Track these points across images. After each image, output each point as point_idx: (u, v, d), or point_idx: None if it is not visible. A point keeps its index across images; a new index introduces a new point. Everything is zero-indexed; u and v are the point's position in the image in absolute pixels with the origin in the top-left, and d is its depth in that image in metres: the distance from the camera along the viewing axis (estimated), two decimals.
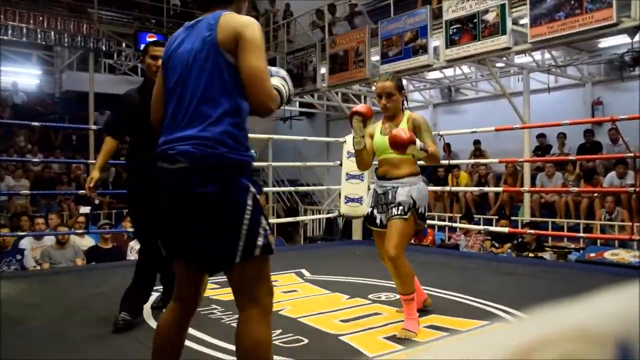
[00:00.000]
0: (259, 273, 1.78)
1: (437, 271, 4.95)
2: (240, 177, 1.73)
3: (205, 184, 1.69)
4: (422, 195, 3.04)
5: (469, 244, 7.27)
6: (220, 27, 1.74)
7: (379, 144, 3.08)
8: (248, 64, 1.72)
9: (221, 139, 1.70)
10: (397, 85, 3.07)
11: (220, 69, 1.74)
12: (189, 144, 1.71)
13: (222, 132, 1.71)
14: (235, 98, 1.75)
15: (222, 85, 1.74)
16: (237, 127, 1.75)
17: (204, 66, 1.75)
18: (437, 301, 3.63)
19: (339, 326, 3.04)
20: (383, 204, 3.07)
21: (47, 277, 4.80)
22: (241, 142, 1.76)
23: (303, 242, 9.79)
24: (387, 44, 9.44)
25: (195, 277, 1.88)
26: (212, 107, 1.73)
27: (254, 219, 1.72)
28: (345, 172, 6.46)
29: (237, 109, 1.75)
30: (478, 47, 7.81)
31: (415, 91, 12.59)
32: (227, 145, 1.71)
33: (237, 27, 1.74)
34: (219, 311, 3.34)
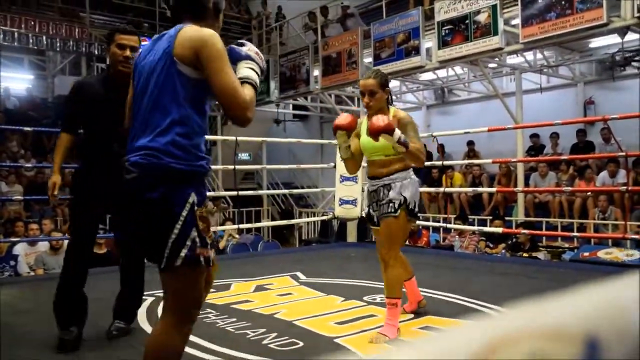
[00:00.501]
0: (180, 284, 1.79)
1: (432, 272, 4.96)
2: (184, 187, 1.77)
3: (151, 192, 1.75)
4: (413, 191, 2.97)
5: (463, 244, 7.28)
6: (179, 40, 1.79)
7: (365, 144, 3.02)
8: (217, 83, 1.76)
9: (167, 149, 1.76)
10: (381, 83, 2.98)
11: (172, 79, 1.79)
12: (139, 154, 1.79)
13: (168, 142, 1.76)
14: (186, 108, 1.79)
15: (173, 95, 1.79)
16: (186, 137, 1.78)
17: (159, 77, 1.81)
18: (431, 302, 3.64)
19: (334, 328, 3.04)
20: (375, 201, 3.05)
21: (40, 282, 4.78)
22: (190, 151, 1.79)
23: (298, 245, 9.80)
24: (380, 46, 9.46)
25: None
26: (162, 115, 1.79)
27: (183, 230, 1.74)
28: (340, 174, 6.47)
29: (186, 119, 1.79)
30: (470, 48, 7.82)
31: (408, 92, 12.61)
32: (173, 155, 1.76)
33: (196, 41, 1.78)
34: (214, 315, 3.34)
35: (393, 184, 2.96)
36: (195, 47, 1.76)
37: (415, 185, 3.00)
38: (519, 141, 8.39)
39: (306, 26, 12.61)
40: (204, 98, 1.85)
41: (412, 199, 2.96)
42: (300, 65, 11.11)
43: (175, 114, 1.78)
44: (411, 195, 2.96)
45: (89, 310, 2.93)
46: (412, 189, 2.97)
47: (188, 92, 1.79)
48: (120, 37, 2.90)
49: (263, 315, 3.37)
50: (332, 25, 11.45)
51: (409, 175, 2.99)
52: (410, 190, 2.96)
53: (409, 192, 2.95)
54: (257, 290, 4.08)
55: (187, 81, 1.79)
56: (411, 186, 2.97)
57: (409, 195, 2.95)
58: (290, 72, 11.30)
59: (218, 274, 2.13)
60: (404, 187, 2.95)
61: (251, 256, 6.26)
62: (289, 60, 11.41)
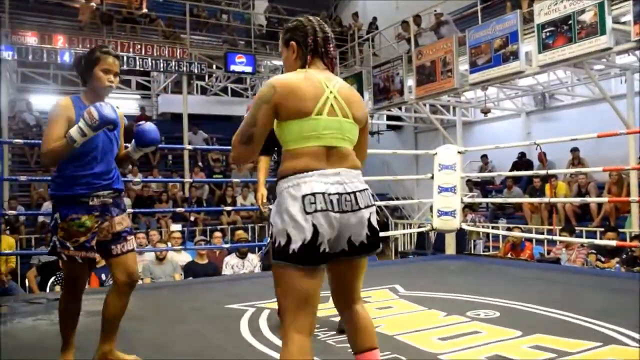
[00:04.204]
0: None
1: (538, 287, 4.69)
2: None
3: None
4: (272, 215, 1.81)
5: (571, 257, 6.85)
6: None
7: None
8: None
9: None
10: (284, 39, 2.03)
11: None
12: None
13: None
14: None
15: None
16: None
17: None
18: (540, 319, 3.43)
19: (438, 345, 2.92)
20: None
21: (148, 291, 5.00)
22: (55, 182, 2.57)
23: (394, 257, 9.66)
24: (476, 52, 9.19)
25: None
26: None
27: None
28: (438, 185, 6.30)
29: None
30: (574, 50, 7.41)
31: (506, 99, 12.15)
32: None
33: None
34: (316, 328, 3.32)
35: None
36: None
37: (284, 203, 1.76)
38: (631, 147, 7.82)
39: (399, 36, 12.52)
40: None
41: (276, 230, 1.77)
42: (393, 76, 11.02)
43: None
44: (274, 227, 1.79)
45: (192, 319, 2.99)
46: (274, 212, 1.81)
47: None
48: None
49: None
50: (425, 34, 11.30)
51: (282, 187, 1.80)
52: (273, 219, 1.80)
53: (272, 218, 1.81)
54: None
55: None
56: (276, 209, 1.80)
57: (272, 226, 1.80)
58: (384, 82, 11.24)
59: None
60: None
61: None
62: (382, 70, 11.36)
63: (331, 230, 1.74)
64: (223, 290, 4.75)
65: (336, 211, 1.74)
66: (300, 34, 1.94)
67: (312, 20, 1.97)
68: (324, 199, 1.73)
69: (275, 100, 1.78)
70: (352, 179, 1.82)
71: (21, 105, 13.53)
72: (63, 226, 2.50)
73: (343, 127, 1.85)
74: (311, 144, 1.79)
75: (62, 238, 2.49)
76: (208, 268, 6.46)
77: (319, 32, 1.95)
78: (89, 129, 2.38)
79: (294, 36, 1.95)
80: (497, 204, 10.44)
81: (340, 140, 1.84)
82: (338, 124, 1.83)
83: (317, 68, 1.92)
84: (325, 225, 1.71)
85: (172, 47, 12.31)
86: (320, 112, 1.80)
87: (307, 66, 1.91)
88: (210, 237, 8.54)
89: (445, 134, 11.51)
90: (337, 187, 1.76)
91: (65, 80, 14.52)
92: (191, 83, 14.71)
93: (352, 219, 1.78)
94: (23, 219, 9.28)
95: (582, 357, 2.67)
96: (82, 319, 2.78)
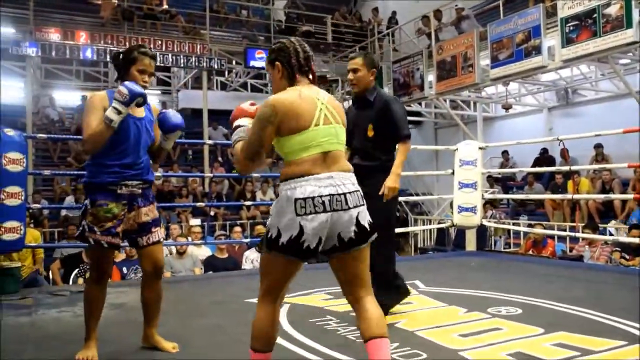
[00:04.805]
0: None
1: (560, 284, 4.64)
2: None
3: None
4: (273, 213, 2.06)
5: (594, 255, 6.75)
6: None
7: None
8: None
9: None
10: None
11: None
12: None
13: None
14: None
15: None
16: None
17: None
18: (563, 317, 3.38)
19: (459, 341, 2.90)
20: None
21: (168, 285, 5.03)
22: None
23: (414, 253, 9.62)
24: (497, 47, 9.10)
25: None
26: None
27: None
28: (458, 181, 6.25)
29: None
30: (599, 44, 7.30)
31: (528, 95, 12.01)
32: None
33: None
34: (335, 322, 3.32)
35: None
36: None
37: (280, 202, 2.02)
38: None
39: (419, 31, 12.43)
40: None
41: (271, 224, 2.05)
42: (414, 71, 10.96)
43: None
44: (270, 220, 2.08)
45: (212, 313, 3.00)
46: (273, 209, 2.07)
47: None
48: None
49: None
50: (446, 29, 11.20)
51: (281, 189, 2.05)
52: (272, 212, 2.07)
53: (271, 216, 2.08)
54: None
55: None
56: (275, 206, 2.07)
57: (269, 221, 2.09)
58: (404, 77, 11.18)
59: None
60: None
61: None
62: (402, 66, 11.30)
63: (318, 231, 1.95)
64: (243, 284, 4.77)
65: (327, 211, 1.96)
66: (284, 55, 2.14)
67: (294, 42, 2.17)
68: (313, 203, 1.95)
69: (278, 120, 2.00)
70: (344, 181, 2.03)
71: (45, 100, 13.73)
72: (92, 211, 2.64)
73: (337, 132, 2.08)
74: (311, 152, 2.01)
75: (90, 223, 2.64)
76: (228, 262, 6.49)
77: (300, 52, 2.14)
78: (122, 106, 2.55)
79: (278, 57, 2.15)
80: (518, 201, 10.33)
81: (335, 145, 2.06)
82: (333, 130, 2.07)
83: (304, 84, 2.12)
84: (311, 226, 1.95)
85: (192, 43, 12.36)
86: (318, 123, 2.02)
87: (296, 83, 2.11)
88: (230, 232, 8.58)
89: (465, 129, 11.42)
90: (329, 189, 1.98)
91: (87, 76, 14.70)
92: (211, 79, 14.77)
93: (343, 216, 1.99)
94: (46, 213, 9.41)
95: (606, 356, 2.63)
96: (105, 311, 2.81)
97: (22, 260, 5.49)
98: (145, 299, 2.82)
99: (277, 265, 2.04)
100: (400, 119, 3.40)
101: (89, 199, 2.67)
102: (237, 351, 2.82)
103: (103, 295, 2.75)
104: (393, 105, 3.42)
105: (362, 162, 3.32)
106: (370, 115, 3.40)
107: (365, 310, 2.06)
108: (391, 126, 3.38)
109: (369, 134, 3.39)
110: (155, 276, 2.81)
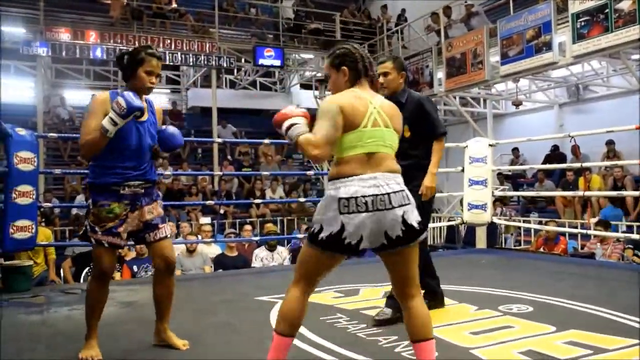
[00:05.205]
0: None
1: (572, 281, 4.61)
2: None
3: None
4: (319, 209, 2.17)
5: (606, 252, 6.69)
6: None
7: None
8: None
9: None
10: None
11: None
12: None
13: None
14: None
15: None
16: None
17: None
18: (575, 314, 3.36)
19: (470, 339, 2.88)
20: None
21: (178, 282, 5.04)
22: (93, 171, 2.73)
23: None
24: (507, 44, 9.04)
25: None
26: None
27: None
28: (468, 178, 6.22)
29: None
30: (611, 40, 7.23)
31: (538, 91, 11.92)
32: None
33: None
34: (345, 320, 3.31)
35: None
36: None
37: (326, 200, 2.14)
38: None
39: (429, 28, 12.38)
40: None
41: (315, 219, 2.16)
42: (423, 68, 10.92)
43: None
44: (315, 216, 2.19)
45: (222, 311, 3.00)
46: (318, 206, 2.20)
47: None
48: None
49: None
50: (455, 26, 11.15)
51: (328, 188, 2.18)
52: (317, 209, 2.21)
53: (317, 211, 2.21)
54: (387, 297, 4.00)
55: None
56: (321, 203, 2.19)
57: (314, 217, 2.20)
58: (413, 75, 11.13)
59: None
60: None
61: (378, 261, 6.15)
62: (411, 63, 11.26)
63: (361, 229, 2.04)
64: (252, 282, 4.77)
65: (370, 210, 2.04)
66: (350, 60, 2.25)
67: (358, 48, 2.30)
68: (356, 203, 2.04)
69: (341, 115, 2.10)
70: (388, 181, 2.10)
71: (55, 100, 13.81)
72: (94, 211, 2.68)
73: (385, 135, 2.16)
74: (357, 151, 2.11)
75: (92, 222, 2.68)
76: (237, 260, 6.50)
77: (365, 58, 2.27)
78: (119, 118, 2.54)
79: (345, 62, 2.26)
80: (529, 198, 10.27)
81: (381, 147, 2.14)
82: (380, 133, 2.15)
83: (364, 88, 2.24)
84: (352, 223, 2.03)
85: (201, 42, 12.39)
86: (366, 125, 2.12)
87: (356, 86, 2.23)
88: (239, 230, 8.60)
89: (475, 126, 11.36)
90: (372, 190, 2.06)
91: (97, 76, 14.77)
92: (220, 77, 14.79)
93: (387, 216, 2.06)
94: (57, 211, 9.48)
95: (618, 355, 2.60)
96: (114, 309, 2.83)
97: (34, 258, 5.53)
98: (157, 295, 2.84)
99: (313, 257, 2.15)
100: (435, 118, 3.47)
101: (91, 199, 2.70)
102: (247, 349, 2.83)
103: (104, 294, 2.75)
104: (426, 104, 3.48)
105: (400, 162, 3.33)
106: (404, 115, 3.42)
107: (412, 310, 2.16)
108: (426, 125, 3.45)
109: (405, 135, 3.42)
110: (167, 272, 2.83)
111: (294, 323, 2.16)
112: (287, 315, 2.15)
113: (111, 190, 2.67)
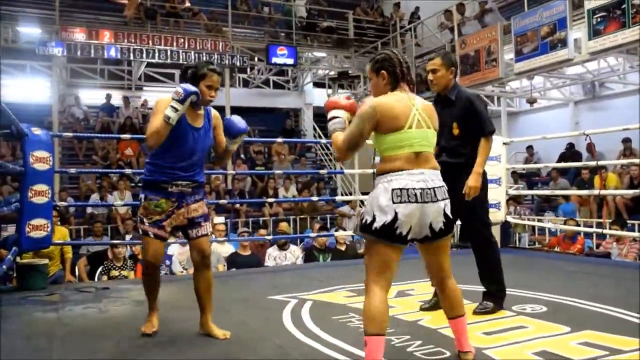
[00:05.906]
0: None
1: (587, 281, 4.56)
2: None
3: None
4: (369, 200, 2.37)
5: (622, 252, 6.62)
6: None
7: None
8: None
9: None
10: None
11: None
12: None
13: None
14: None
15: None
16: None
17: None
18: (589, 315, 3.32)
19: (483, 339, 2.87)
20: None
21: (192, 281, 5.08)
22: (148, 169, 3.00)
23: None
24: (522, 40, 8.97)
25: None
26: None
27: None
28: None
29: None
30: (628, 36, 7.14)
31: (553, 88, 11.82)
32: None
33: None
34: (357, 319, 3.31)
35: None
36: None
37: (375, 193, 2.32)
38: None
39: (442, 25, 12.30)
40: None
41: (366, 211, 2.35)
42: None
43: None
44: (365, 207, 2.39)
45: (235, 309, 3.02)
46: (369, 198, 2.37)
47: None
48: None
49: (407, 321, 3.28)
50: (469, 23, 11.07)
51: (379, 181, 2.34)
52: (367, 202, 2.38)
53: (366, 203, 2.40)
54: (399, 296, 3.99)
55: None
56: (370, 196, 2.37)
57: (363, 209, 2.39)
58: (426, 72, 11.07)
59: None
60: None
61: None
62: (424, 61, 11.18)
63: (411, 218, 2.25)
64: (265, 281, 4.79)
65: (419, 202, 2.26)
66: (390, 65, 2.43)
67: (396, 53, 2.48)
68: (407, 194, 2.25)
69: (376, 119, 2.30)
70: (433, 177, 2.33)
71: (70, 99, 13.93)
72: (144, 205, 2.97)
73: (427, 136, 2.37)
74: (404, 151, 2.31)
75: (142, 215, 2.98)
76: (251, 259, 6.52)
77: (403, 62, 2.45)
78: (179, 104, 2.77)
79: (384, 66, 2.44)
80: (543, 197, 10.18)
81: (426, 147, 2.35)
82: (425, 134, 2.36)
83: (403, 90, 2.42)
84: (404, 213, 2.24)
85: (215, 40, 12.42)
86: (411, 126, 2.32)
87: (397, 89, 2.41)
88: (252, 229, 8.61)
89: None
90: (420, 184, 2.28)
91: (111, 75, 14.86)
92: (233, 76, 14.82)
93: (432, 208, 2.29)
94: (73, 210, 9.56)
95: (635, 356, 2.57)
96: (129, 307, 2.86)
97: (50, 257, 5.59)
98: (197, 289, 3.06)
99: (377, 249, 2.31)
100: (484, 116, 3.43)
101: (143, 194, 2.99)
102: (261, 347, 2.84)
103: (155, 283, 3.08)
104: (476, 102, 3.44)
105: (449, 160, 3.39)
106: (453, 113, 3.42)
107: (446, 291, 2.50)
108: (475, 123, 3.41)
109: (454, 132, 3.42)
110: (203, 264, 3.06)
111: (383, 319, 2.27)
112: (375, 316, 2.26)
113: (160, 188, 2.95)
